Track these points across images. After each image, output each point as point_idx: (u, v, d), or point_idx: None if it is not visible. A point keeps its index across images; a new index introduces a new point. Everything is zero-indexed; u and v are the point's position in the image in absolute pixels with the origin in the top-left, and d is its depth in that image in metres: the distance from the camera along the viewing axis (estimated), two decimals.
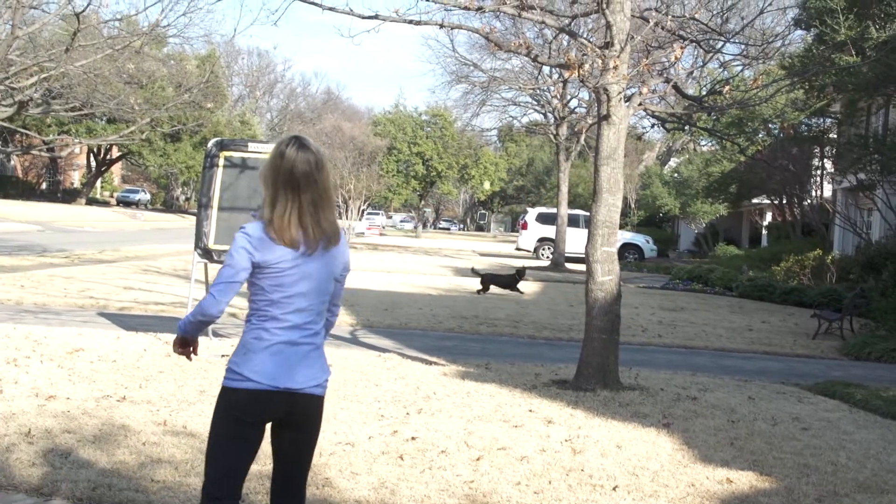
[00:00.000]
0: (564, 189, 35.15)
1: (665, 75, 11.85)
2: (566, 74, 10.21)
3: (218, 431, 3.73)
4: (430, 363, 10.95)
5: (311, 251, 3.70)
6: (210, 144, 11.68)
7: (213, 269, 13.56)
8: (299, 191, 3.64)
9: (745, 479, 6.49)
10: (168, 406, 7.66)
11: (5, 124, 25.90)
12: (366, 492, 5.75)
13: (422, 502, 5.63)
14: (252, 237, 3.70)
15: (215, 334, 11.96)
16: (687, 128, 21.85)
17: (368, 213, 66.29)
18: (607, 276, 9.96)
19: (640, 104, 10.63)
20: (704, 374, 11.45)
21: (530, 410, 8.46)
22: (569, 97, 34.83)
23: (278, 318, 3.72)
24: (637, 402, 9.16)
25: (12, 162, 74.69)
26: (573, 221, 38.37)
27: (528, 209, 49.42)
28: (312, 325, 3.78)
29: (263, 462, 5.35)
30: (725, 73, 21.10)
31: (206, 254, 11.16)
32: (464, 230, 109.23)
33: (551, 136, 36.85)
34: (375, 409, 8.15)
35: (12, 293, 15.23)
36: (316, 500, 5.51)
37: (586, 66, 9.82)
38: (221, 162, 11.51)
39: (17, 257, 23.52)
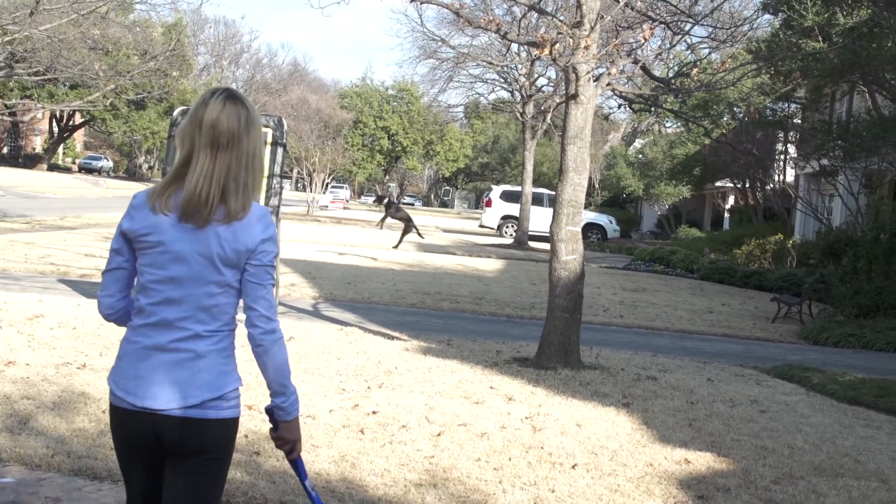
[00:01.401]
0: (529, 167, 35.19)
1: (633, 56, 11.86)
2: (537, 52, 10.19)
3: (115, 450, 3.06)
4: (392, 338, 10.94)
5: (194, 223, 2.87)
6: (176, 113, 11.58)
7: None
8: (218, 151, 2.88)
9: (702, 460, 6.55)
10: None
11: None
12: (326, 465, 5.74)
13: (382, 476, 5.63)
14: (134, 202, 2.98)
15: None
16: (653, 109, 21.95)
17: (333, 187, 65.98)
18: (571, 255, 9.98)
19: (608, 84, 10.63)
20: (664, 355, 11.54)
21: (491, 387, 8.48)
22: (536, 75, 34.82)
23: (145, 311, 2.93)
24: (597, 381, 9.21)
25: None
26: (537, 200, 38.45)
27: (493, 186, 49.45)
28: (189, 324, 2.90)
29: None
30: (693, 55, 21.17)
31: None
32: (427, 206, 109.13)
33: (517, 114, 36.85)
34: (337, 382, 8.13)
35: None
36: (276, 472, 5.50)
37: (558, 45, 9.80)
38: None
39: None
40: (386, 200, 15.18)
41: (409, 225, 16.54)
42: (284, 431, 3.06)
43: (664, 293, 20.21)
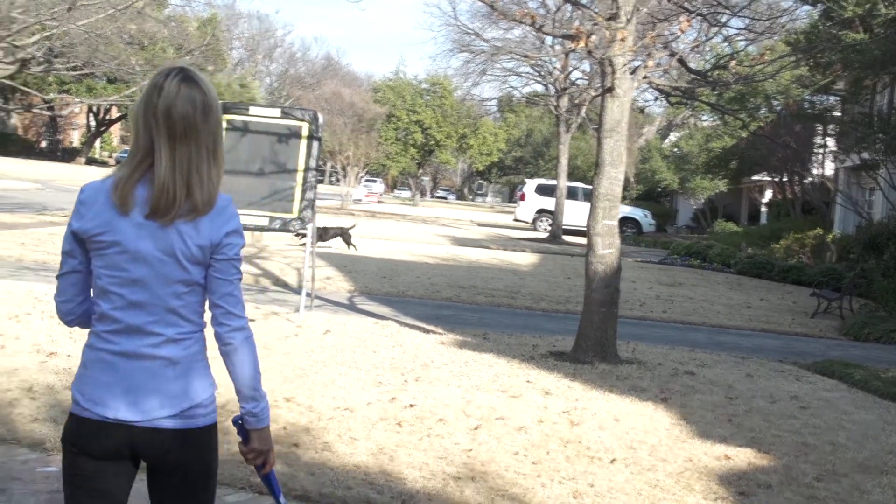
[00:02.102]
0: (564, 161, 35.05)
1: (670, 48, 11.76)
2: (573, 45, 10.12)
3: (62, 471, 2.75)
4: (428, 331, 10.94)
5: (162, 220, 2.60)
6: None
7: None
8: (175, 139, 2.61)
9: (743, 456, 6.48)
10: None
11: (7, 82, 25.76)
12: (364, 457, 5.74)
13: (420, 469, 5.62)
14: (83, 196, 2.67)
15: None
16: (689, 102, 21.76)
17: (366, 181, 66.06)
18: (608, 249, 9.92)
19: (644, 77, 10.55)
20: (702, 349, 11.45)
21: (528, 381, 8.45)
22: (570, 69, 34.65)
23: (108, 317, 2.66)
24: (635, 375, 9.15)
25: (13, 120, 74.37)
26: (572, 194, 38.28)
27: (527, 180, 49.29)
28: (159, 328, 2.65)
29: None
30: (730, 47, 20.96)
31: None
32: (461, 200, 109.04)
33: (552, 108, 36.71)
34: (374, 375, 8.13)
35: (13, 250, 15.17)
36: (315, 463, 5.51)
37: (594, 38, 9.73)
38: (223, 125, 11.43)
39: (17, 214, 23.43)
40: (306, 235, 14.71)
41: (345, 233, 16.44)
42: (256, 442, 2.78)
43: (701, 288, 20.06)
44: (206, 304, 2.74)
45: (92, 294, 2.74)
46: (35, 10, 22.25)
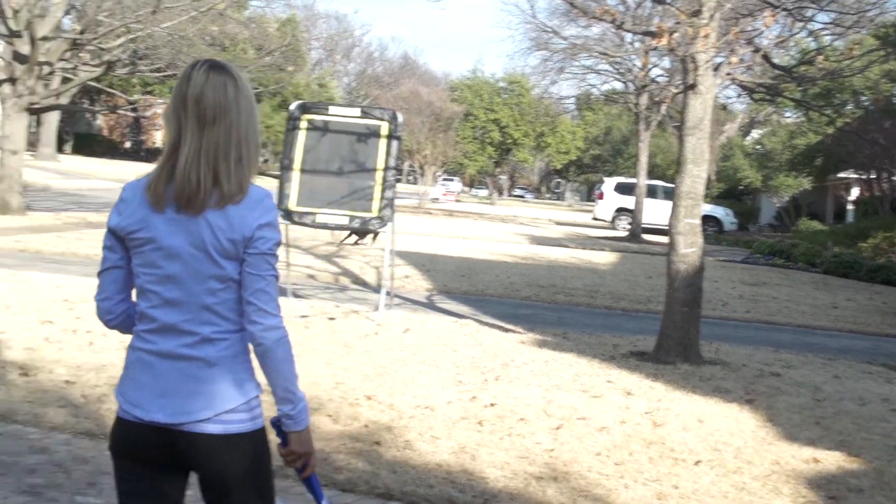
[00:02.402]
0: (644, 159, 34.72)
1: (754, 44, 11.56)
2: (654, 42, 10.00)
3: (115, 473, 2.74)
4: (507, 330, 10.91)
5: (190, 211, 2.55)
6: (293, 107, 11.75)
7: (294, 230, 13.67)
8: (204, 126, 2.56)
9: (832, 459, 6.33)
10: None
11: (93, 84, 26.41)
12: (446, 455, 5.75)
13: (502, 468, 5.60)
14: (123, 195, 2.68)
15: (295, 294, 12.06)
16: (773, 98, 21.35)
17: (444, 180, 66.29)
18: (690, 248, 9.78)
19: (727, 73, 10.39)
20: (787, 350, 11.22)
21: (609, 381, 8.38)
22: (650, 66, 34.27)
23: (146, 316, 2.62)
24: (718, 376, 9.01)
25: (98, 121, 76.28)
26: (651, 192, 37.87)
27: (606, 179, 48.93)
28: (194, 326, 2.57)
29: None
30: (815, 42, 20.52)
31: (288, 215, 11.23)
32: (538, 198, 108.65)
33: (631, 105, 36.36)
34: (453, 374, 8.14)
35: (100, 249, 15.51)
36: (397, 461, 5.53)
37: (676, 35, 9.60)
38: (304, 125, 11.58)
39: (103, 213, 23.99)
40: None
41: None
42: (295, 444, 2.66)
43: (785, 287, 19.67)
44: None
45: (133, 295, 2.70)
46: (120, 14, 22.77)
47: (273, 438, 2.66)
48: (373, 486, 5.13)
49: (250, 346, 2.64)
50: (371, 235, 14.47)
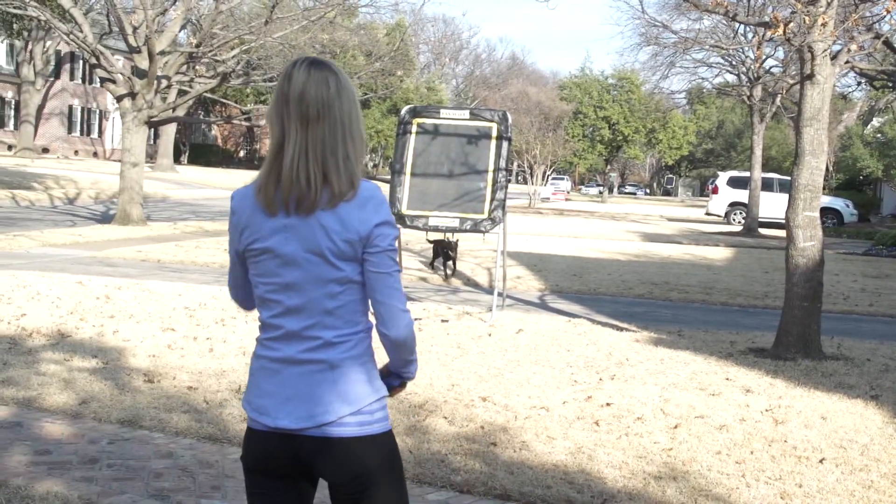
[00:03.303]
0: (758, 152, 33.95)
1: (874, 30, 11.20)
2: (769, 33, 9.79)
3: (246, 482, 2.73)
4: (621, 329, 10.82)
5: (307, 212, 2.51)
6: (403, 111, 11.87)
7: (406, 234, 13.82)
8: (308, 123, 2.51)
9: None
10: None
11: (208, 95, 27.15)
12: (563, 456, 5.73)
13: (620, 468, 5.56)
14: (234, 203, 2.64)
15: (408, 297, 12.17)
16: (895, 85, 20.62)
17: (553, 179, 66.03)
18: (809, 241, 9.54)
19: (846, 62, 10.10)
20: None
21: (727, 379, 8.23)
22: (764, 57, 33.49)
23: (269, 325, 2.62)
24: (841, 372, 8.76)
25: (213, 131, 78.40)
26: (767, 185, 36.97)
27: (719, 173, 48.01)
28: (317, 332, 2.55)
29: None
30: None
31: (399, 219, 11.35)
32: (650, 195, 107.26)
33: (744, 98, 35.58)
34: (568, 374, 8.12)
35: (217, 256, 15.99)
36: (514, 462, 5.55)
37: (792, 24, 9.38)
38: (414, 129, 11.70)
39: (219, 222, 24.67)
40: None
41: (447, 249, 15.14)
42: (401, 391, 2.81)
43: None
44: (370, 302, 2.61)
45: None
46: (234, 26, 23.39)
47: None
48: (490, 486, 5.15)
49: (373, 344, 2.63)
50: (451, 262, 14.43)
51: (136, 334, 8.82)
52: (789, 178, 10.19)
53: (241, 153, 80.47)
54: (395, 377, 2.74)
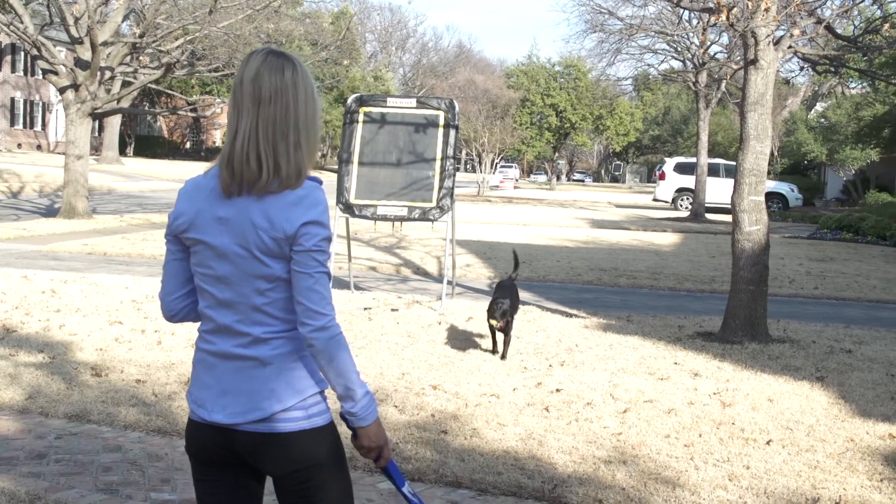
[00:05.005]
0: (704, 137, 34.28)
1: (816, 15, 11.32)
2: (713, 19, 9.86)
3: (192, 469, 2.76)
4: (571, 315, 10.87)
5: (255, 193, 2.50)
6: (350, 100, 11.79)
7: (354, 223, 13.75)
8: (261, 103, 2.49)
9: None
10: None
11: (153, 86, 26.81)
12: (514, 442, 5.74)
13: (570, 453, 5.58)
14: (181, 189, 2.67)
15: (357, 287, 12.13)
16: (837, 70, 20.89)
17: (502, 167, 66.17)
18: (755, 225, 9.64)
19: (789, 47, 10.19)
20: (858, 326, 11.00)
21: (675, 363, 8.30)
22: (709, 43, 33.81)
23: (204, 315, 2.62)
24: (787, 354, 8.88)
25: (159, 123, 77.48)
26: (713, 171, 37.38)
27: (666, 159, 48.38)
28: (246, 327, 2.54)
29: None
30: (881, 10, 20.07)
31: (348, 209, 11.29)
32: (597, 182, 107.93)
33: (690, 84, 35.92)
34: (518, 361, 8.13)
35: (164, 249, 15.78)
36: (465, 449, 5.54)
37: (735, 10, 9.45)
38: (361, 118, 11.63)
39: (166, 214, 24.36)
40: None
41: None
42: (363, 439, 2.59)
43: (854, 262, 19.30)
44: None
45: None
46: (178, 16, 23.09)
47: (344, 431, 2.64)
48: (441, 474, 5.15)
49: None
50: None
51: (83, 328, 8.69)
52: (735, 163, 10.28)
53: (188, 144, 79.62)
54: (345, 415, 2.57)
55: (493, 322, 8.11)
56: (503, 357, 8.19)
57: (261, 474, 2.68)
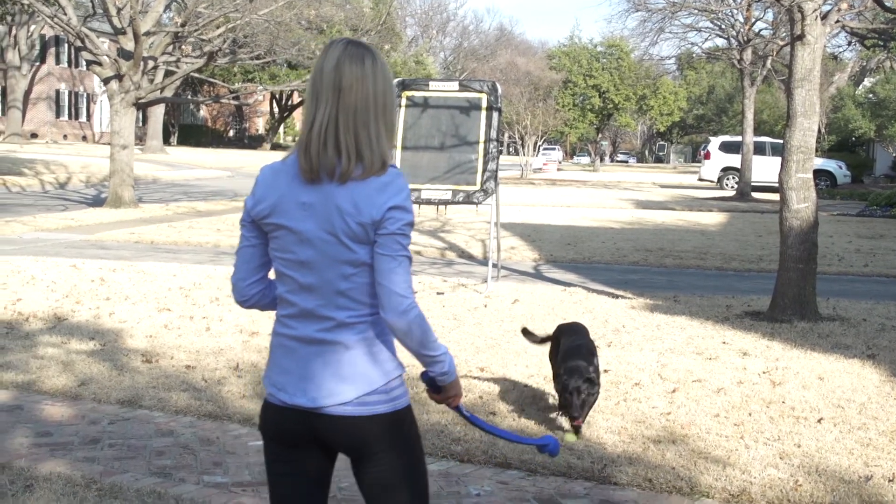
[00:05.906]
0: (749, 116, 33.85)
1: None
2: None
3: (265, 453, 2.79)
4: (617, 296, 10.82)
5: (339, 182, 2.53)
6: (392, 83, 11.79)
7: None
8: (342, 93, 2.52)
9: None
10: None
11: (196, 75, 27.01)
12: (563, 424, 5.74)
13: (619, 434, 5.58)
14: (259, 176, 2.67)
15: None
16: (886, 44, 20.53)
17: (545, 149, 65.87)
18: (803, 203, 9.54)
19: (836, 21, 10.06)
20: None
21: (724, 342, 8.25)
22: (754, 19, 33.35)
23: (284, 301, 2.66)
24: (838, 332, 8.79)
25: (202, 111, 78.10)
26: (759, 149, 36.92)
27: (711, 138, 47.87)
28: (330, 311, 2.58)
29: None
30: None
31: None
32: (641, 163, 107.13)
33: (734, 62, 35.46)
34: None
35: (210, 236, 15.95)
36: (513, 430, 5.55)
37: None
38: (403, 102, 11.64)
39: (211, 202, 24.62)
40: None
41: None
42: (450, 390, 2.74)
43: None
44: None
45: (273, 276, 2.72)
46: (219, 4, 23.22)
47: (421, 389, 2.67)
48: (490, 455, 5.17)
49: None
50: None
51: (132, 315, 8.81)
52: (781, 141, 10.17)
53: (231, 133, 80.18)
54: (436, 377, 2.72)
55: (569, 422, 5.57)
56: (577, 433, 5.53)
57: (333, 454, 2.72)
